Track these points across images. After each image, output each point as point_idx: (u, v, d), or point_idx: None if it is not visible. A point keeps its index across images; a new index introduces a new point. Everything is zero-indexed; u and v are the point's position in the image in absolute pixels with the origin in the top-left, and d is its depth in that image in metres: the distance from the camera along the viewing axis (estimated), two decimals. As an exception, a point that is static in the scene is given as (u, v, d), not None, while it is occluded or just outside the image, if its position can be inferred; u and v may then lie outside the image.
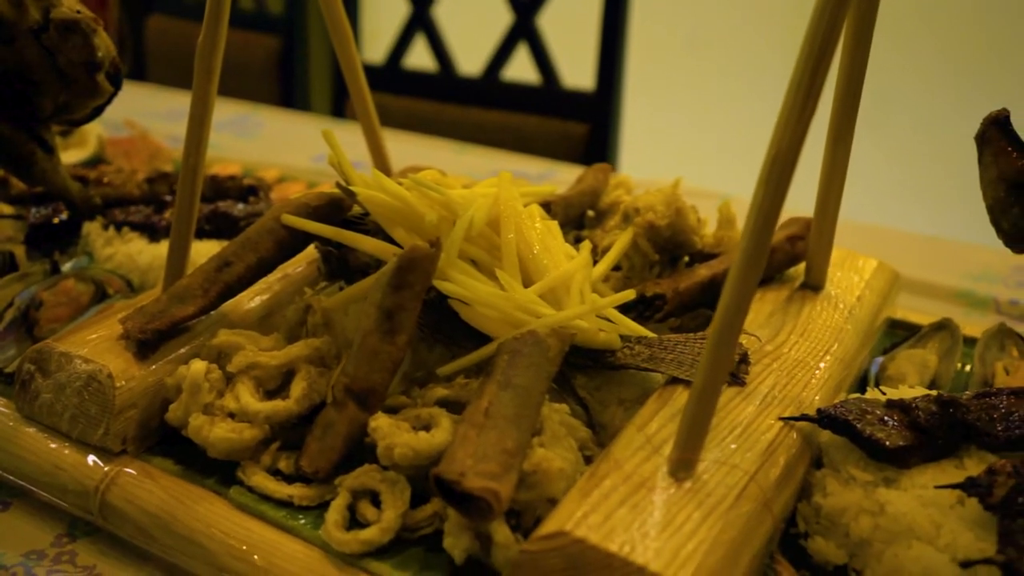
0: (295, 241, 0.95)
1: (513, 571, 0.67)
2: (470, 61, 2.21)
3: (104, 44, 1.03)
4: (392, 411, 0.84)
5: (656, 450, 0.73)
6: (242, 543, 0.78)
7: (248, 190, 1.25)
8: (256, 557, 0.77)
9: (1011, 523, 0.65)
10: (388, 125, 2.16)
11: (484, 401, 0.76)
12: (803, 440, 0.79)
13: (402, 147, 1.84)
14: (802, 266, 1.01)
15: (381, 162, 1.19)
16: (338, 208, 0.97)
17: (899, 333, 1.07)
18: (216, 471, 0.85)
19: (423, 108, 2.21)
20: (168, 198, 1.25)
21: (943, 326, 1.04)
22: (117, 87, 1.08)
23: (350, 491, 0.79)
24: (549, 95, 2.06)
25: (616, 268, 1.02)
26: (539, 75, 2.10)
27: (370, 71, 2.39)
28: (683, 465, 0.71)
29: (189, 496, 0.83)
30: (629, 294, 0.89)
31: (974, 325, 1.07)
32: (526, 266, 0.91)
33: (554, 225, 0.99)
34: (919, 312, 1.13)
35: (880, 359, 1.00)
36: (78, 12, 1.00)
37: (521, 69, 2.13)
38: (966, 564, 0.65)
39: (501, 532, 0.71)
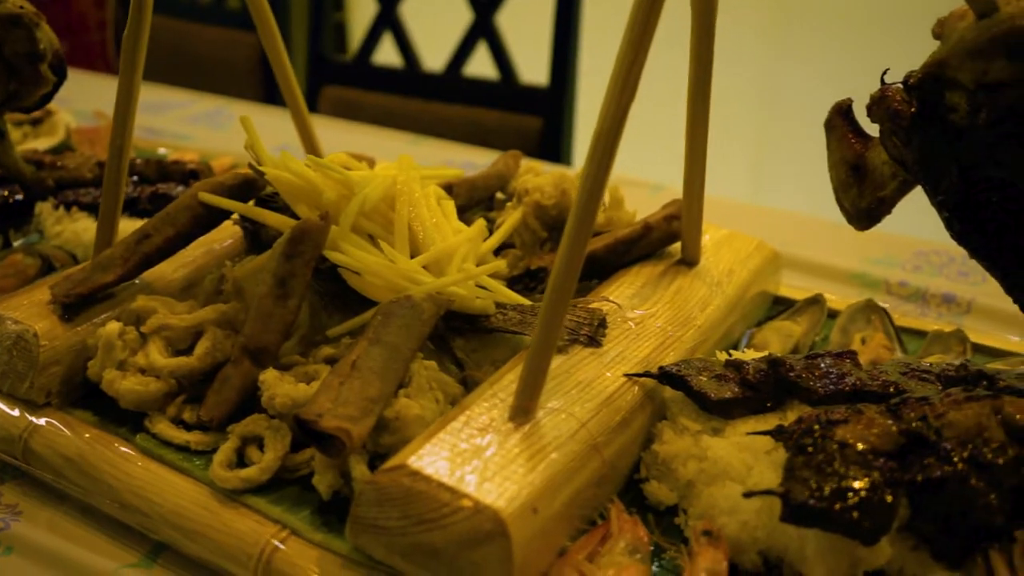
0: (210, 217, 1.05)
1: (357, 499, 0.76)
2: (434, 58, 2.31)
3: (46, 37, 1.13)
4: (286, 368, 0.93)
5: (502, 401, 0.82)
6: (142, 482, 0.87)
7: (190, 174, 1.35)
8: (152, 494, 0.86)
9: (793, 459, 0.73)
10: (357, 119, 2.26)
11: (353, 355, 0.85)
12: (645, 395, 0.88)
13: (361, 139, 1.94)
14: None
15: (311, 147, 1.28)
16: (251, 187, 1.06)
17: (779, 308, 1.15)
18: (128, 421, 0.94)
19: (390, 102, 2.30)
20: (115, 181, 1.34)
21: (815, 301, 1.13)
22: (61, 77, 1.17)
23: (239, 437, 0.88)
24: (506, 90, 2.15)
25: (512, 246, 1.11)
26: (497, 71, 2.19)
27: (340, 67, 2.50)
28: (521, 412, 0.80)
29: (101, 442, 0.92)
30: (500, 264, 0.98)
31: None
32: (416, 240, 1.00)
33: (449, 204, 1.07)
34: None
35: (752, 330, 1.09)
36: (21, 7, 1.10)
37: (481, 65, 2.22)
38: (748, 494, 0.73)
39: (358, 468, 0.80)
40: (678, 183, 1.04)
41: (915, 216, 1.11)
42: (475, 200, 1.18)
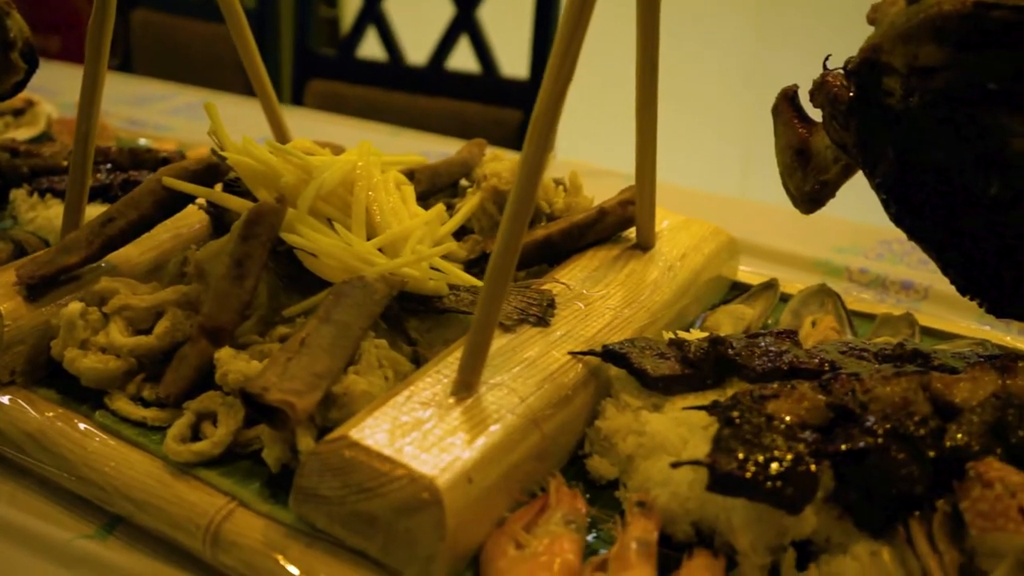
0: (174, 201, 1.07)
1: (300, 470, 0.78)
2: (417, 51, 2.33)
3: (17, 25, 1.15)
4: (243, 348, 0.95)
5: (446, 377, 0.84)
6: (99, 456, 0.89)
7: (162, 162, 1.37)
8: (108, 467, 0.88)
9: (721, 431, 0.75)
10: (342, 111, 2.28)
11: (303, 333, 0.87)
12: (590, 373, 0.90)
13: (344, 131, 1.96)
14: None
15: (280, 134, 1.31)
16: (214, 172, 1.09)
17: (736, 293, 1.17)
18: (89, 399, 0.97)
19: (374, 95, 2.33)
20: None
21: (770, 286, 1.15)
22: (32, 65, 1.19)
23: (194, 412, 0.91)
24: (488, 83, 2.17)
25: (472, 231, 1.13)
26: (479, 65, 2.21)
27: (326, 61, 2.53)
28: (463, 387, 0.82)
29: (61, 419, 0.94)
30: (451, 246, 1.00)
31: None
32: (373, 223, 1.02)
33: (409, 189, 1.10)
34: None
35: (706, 313, 1.11)
36: (-10, -3, 1.12)
37: (463, 59, 2.24)
38: (676, 464, 0.75)
39: (304, 441, 0.82)
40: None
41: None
42: (437, 187, 1.20)
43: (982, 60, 0.79)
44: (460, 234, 1.14)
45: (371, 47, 2.40)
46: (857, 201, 1.12)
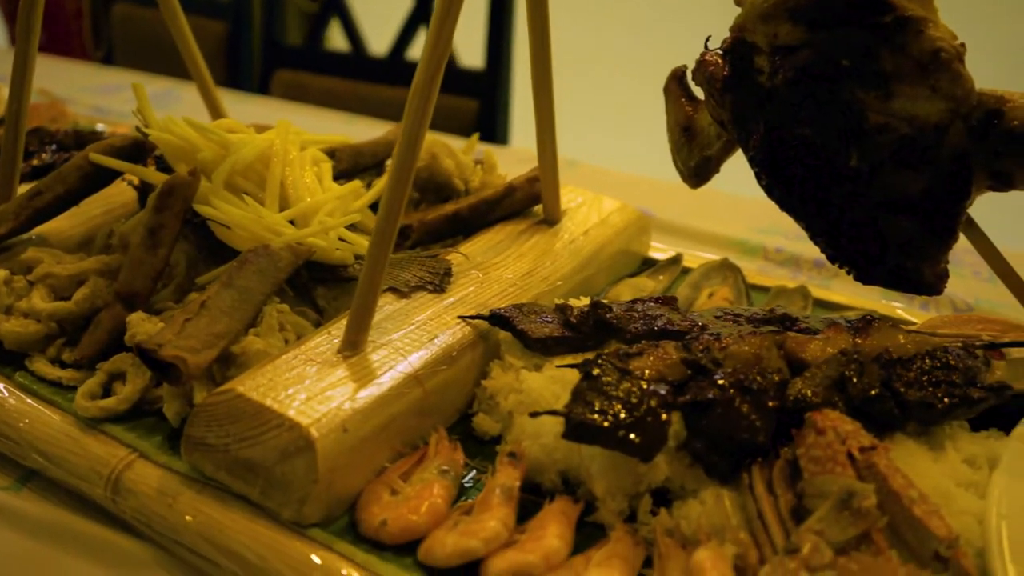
0: (100, 177, 1.12)
1: (190, 421, 0.83)
2: (379, 42, 2.38)
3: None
4: (158, 313, 1.00)
5: (336, 337, 0.89)
6: (16, 413, 0.94)
7: (105, 143, 1.42)
8: (23, 423, 0.93)
9: (581, 384, 0.80)
10: (307, 101, 2.33)
11: (204, 296, 0.92)
12: (478, 336, 0.95)
13: (306, 119, 2.01)
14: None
15: (216, 113, 1.36)
16: (141, 150, 1.14)
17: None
18: (12, 362, 1.02)
19: (337, 85, 2.38)
20: (33, 149, 1.42)
21: (675, 260, 1.20)
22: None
23: (106, 372, 0.96)
24: (445, 74, 2.21)
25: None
26: (437, 55, 2.26)
27: (292, 52, 2.58)
28: (349, 346, 0.87)
29: (-17, 380, 0.99)
30: (353, 217, 1.05)
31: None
32: (288, 198, 1.07)
33: (327, 166, 1.15)
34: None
35: (611, 285, 1.16)
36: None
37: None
38: (534, 414, 0.80)
39: (200, 395, 0.87)
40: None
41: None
42: (360, 166, 1.25)
43: (834, 38, 0.84)
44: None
45: (336, 39, 2.45)
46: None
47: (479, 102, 2.18)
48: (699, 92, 1.01)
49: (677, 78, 1.03)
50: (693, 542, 0.74)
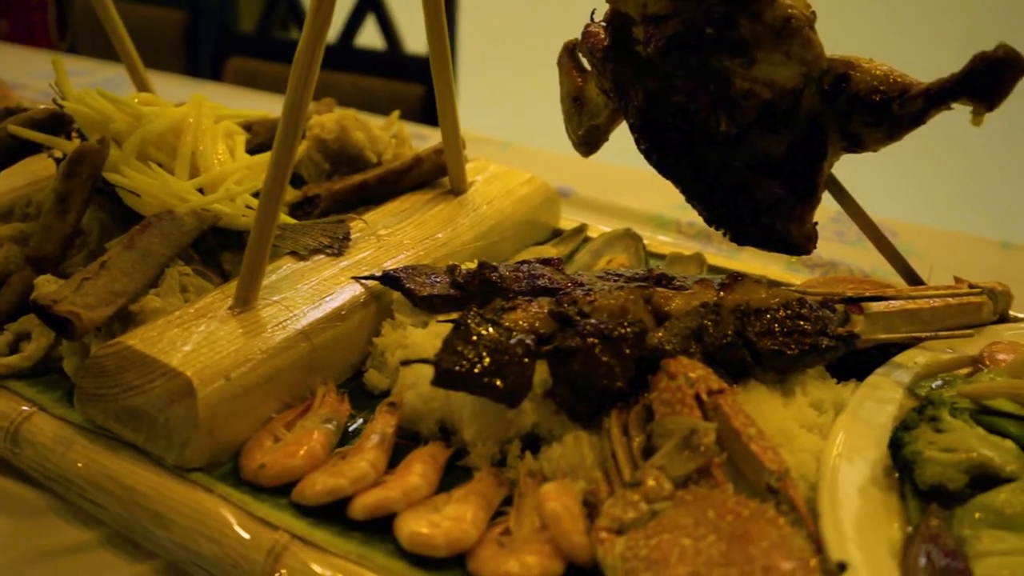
0: (17, 148, 1.15)
1: (83, 372, 0.87)
2: (328, 30, 2.42)
3: None
4: (67, 277, 1.04)
5: (230, 296, 0.93)
6: (-75, 373, 0.98)
7: (37, 120, 1.45)
8: (-69, 382, 0.97)
9: (451, 334, 0.83)
10: (258, 87, 2.36)
11: (105, 256, 0.96)
12: (371, 296, 0.98)
13: (257, 104, 2.04)
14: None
15: (141, 86, 1.40)
16: (60, 122, 1.17)
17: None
18: (-73, 325, 1.05)
19: (287, 72, 2.41)
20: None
21: (580, 230, 1.24)
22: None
23: (13, 332, 0.99)
24: (392, 60, 2.26)
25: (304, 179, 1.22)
26: (384, 42, 2.30)
27: (244, 40, 2.61)
28: (240, 302, 0.91)
29: (-101, 343, 1.02)
30: (256, 185, 1.08)
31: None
32: (199, 167, 1.11)
33: (241, 138, 1.18)
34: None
35: (516, 252, 1.20)
36: None
37: (370, 37, 2.33)
38: (405, 362, 0.84)
39: (95, 350, 0.91)
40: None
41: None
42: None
43: (698, 7, 0.89)
44: (297, 182, 1.23)
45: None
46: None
47: (425, 87, 2.22)
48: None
49: (568, 50, 1.07)
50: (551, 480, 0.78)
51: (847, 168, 0.98)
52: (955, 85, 0.81)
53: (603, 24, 0.99)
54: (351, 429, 0.90)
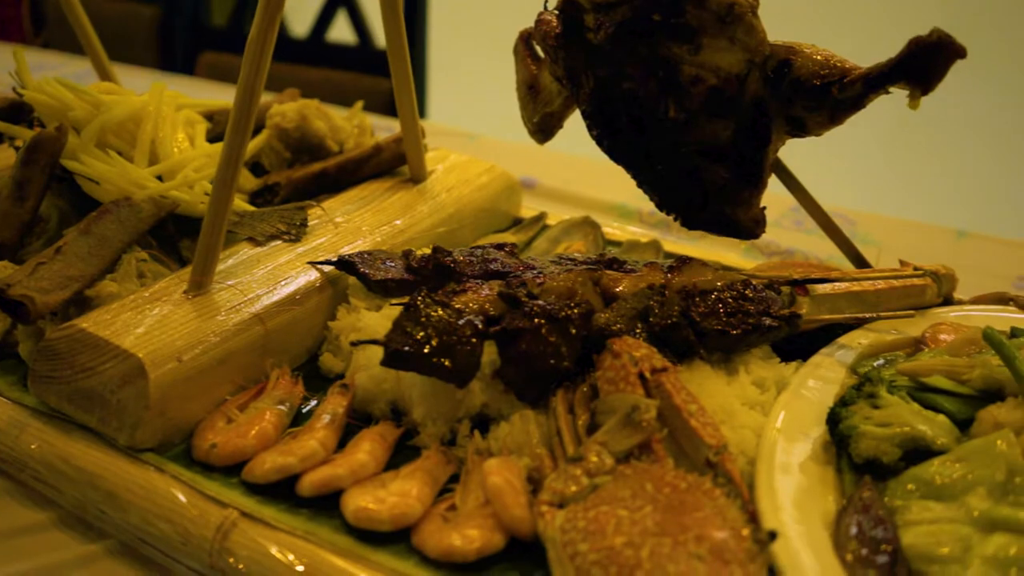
0: (-23, 136, 1.16)
1: (37, 356, 0.87)
2: (300, 25, 2.43)
3: None
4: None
5: (186, 281, 0.94)
6: None
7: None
8: None
9: (401, 315, 0.85)
10: (229, 81, 2.37)
11: (61, 242, 0.96)
12: (327, 280, 1.00)
13: (228, 98, 2.05)
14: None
15: (104, 74, 1.40)
16: (19, 110, 1.18)
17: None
18: None
19: (260, 67, 2.41)
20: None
21: (538, 219, 1.25)
22: None
23: (-30, 318, 1.00)
24: (363, 54, 2.27)
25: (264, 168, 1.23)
26: (356, 37, 2.31)
27: (216, 34, 2.61)
28: (195, 286, 0.92)
29: None
30: (209, 173, 1.09)
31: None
32: (158, 155, 1.12)
33: (202, 127, 1.19)
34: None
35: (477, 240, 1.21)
36: None
37: (341, 32, 2.34)
38: (355, 343, 0.85)
39: (51, 332, 0.91)
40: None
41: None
42: (240, 129, 1.29)
43: (645, -6, 0.90)
44: (260, 171, 1.24)
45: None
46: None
47: (395, 81, 2.24)
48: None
49: (523, 39, 1.09)
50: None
51: (812, 158, 0.99)
52: (892, 69, 0.82)
53: (555, 12, 1.00)
54: (305, 411, 0.91)
